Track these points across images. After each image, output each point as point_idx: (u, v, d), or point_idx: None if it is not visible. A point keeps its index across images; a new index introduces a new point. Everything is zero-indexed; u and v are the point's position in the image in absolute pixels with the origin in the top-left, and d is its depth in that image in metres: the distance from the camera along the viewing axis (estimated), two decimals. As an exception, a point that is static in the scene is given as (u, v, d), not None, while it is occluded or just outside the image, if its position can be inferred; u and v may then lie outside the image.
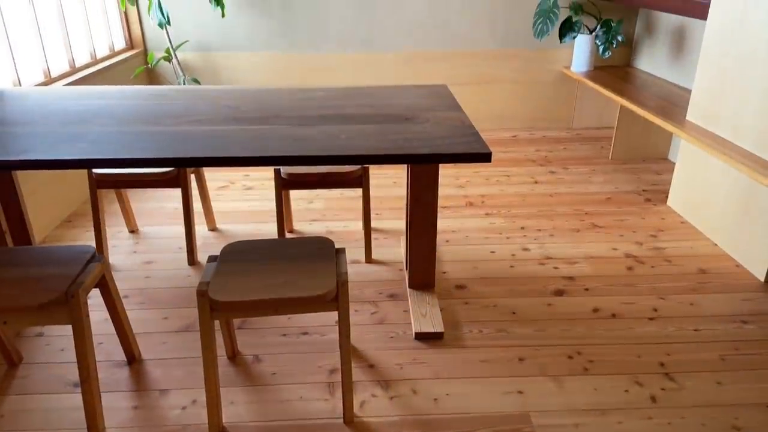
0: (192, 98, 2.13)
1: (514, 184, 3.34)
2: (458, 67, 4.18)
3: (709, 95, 2.61)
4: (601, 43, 3.73)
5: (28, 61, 2.89)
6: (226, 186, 3.35)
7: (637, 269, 2.44)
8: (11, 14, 2.74)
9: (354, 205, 3.08)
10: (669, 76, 3.67)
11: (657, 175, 3.45)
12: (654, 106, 3.05)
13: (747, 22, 2.34)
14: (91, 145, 1.61)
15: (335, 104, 2.04)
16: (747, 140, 2.37)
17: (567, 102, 4.30)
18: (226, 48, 4.07)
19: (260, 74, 4.16)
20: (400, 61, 4.15)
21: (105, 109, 1.98)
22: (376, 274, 2.41)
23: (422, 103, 2.05)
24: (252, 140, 1.65)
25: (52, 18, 3.11)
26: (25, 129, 1.77)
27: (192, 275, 2.41)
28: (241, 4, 3.95)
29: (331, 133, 1.71)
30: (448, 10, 4.01)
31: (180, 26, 3.99)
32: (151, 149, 1.58)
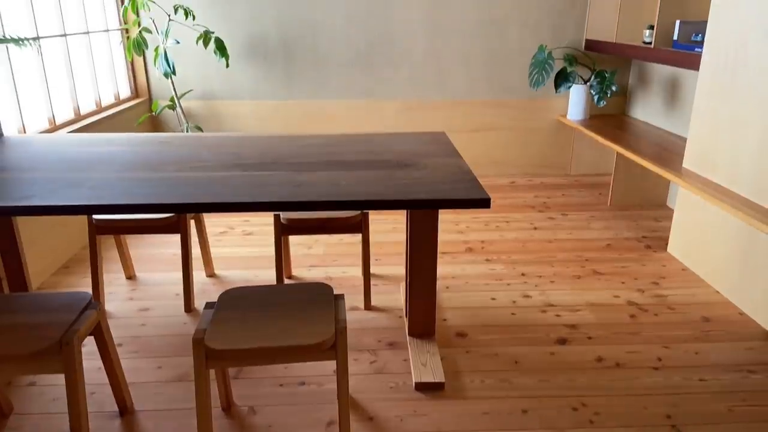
0: (194, 145, 2.16)
1: (514, 230, 3.34)
2: (456, 115, 4.26)
3: (705, 143, 2.65)
4: (595, 93, 3.81)
5: (34, 108, 2.94)
6: (226, 231, 3.35)
7: (640, 317, 2.41)
8: (19, 62, 2.81)
9: (353, 250, 3.07)
10: (664, 124, 3.74)
11: (656, 221, 3.46)
12: (650, 154, 3.09)
13: (738, 73, 2.40)
14: (92, 191, 1.62)
15: (335, 151, 2.07)
16: (744, 187, 2.38)
17: (564, 149, 4.36)
18: (229, 96, 4.16)
19: (262, 122, 4.23)
20: (399, 110, 4.24)
21: (107, 156, 2.00)
22: (376, 321, 2.38)
23: (421, 150, 2.08)
24: (252, 186, 1.66)
25: (59, 67, 3.19)
26: (28, 175, 1.78)
27: (188, 322, 2.37)
28: (244, 54, 4.06)
29: (331, 179, 1.72)
30: (445, 62, 4.12)
31: (185, 76, 4.08)
32: (152, 195, 1.59)
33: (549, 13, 4.04)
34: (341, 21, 4.01)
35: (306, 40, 4.04)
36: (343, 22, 4.01)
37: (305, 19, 3.99)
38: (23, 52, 2.82)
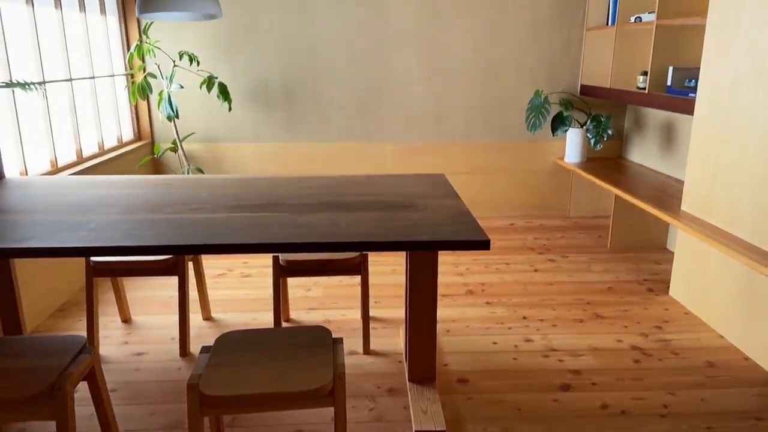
0: (194, 186, 2.17)
1: (514, 272, 3.32)
2: (455, 158, 4.30)
3: (702, 186, 2.66)
4: (592, 137, 3.86)
5: (37, 150, 2.97)
6: (224, 273, 3.33)
7: (644, 362, 2.36)
8: (24, 105, 2.86)
9: (352, 292, 3.05)
10: (661, 167, 3.78)
11: (657, 264, 3.45)
12: (649, 197, 3.11)
13: (732, 117, 2.44)
14: (91, 233, 1.62)
15: (335, 192, 2.08)
16: (743, 230, 2.38)
17: (562, 191, 4.38)
18: (231, 139, 4.21)
19: (263, 164, 4.27)
20: (399, 152, 4.28)
21: (108, 198, 2.01)
22: (375, 366, 2.33)
23: (420, 191, 2.09)
24: (252, 227, 1.65)
25: (63, 110, 3.24)
26: (27, 217, 1.78)
27: (183, 367, 2.32)
28: (246, 98, 4.14)
29: (330, 220, 1.72)
30: (444, 106, 4.20)
31: (187, 119, 4.15)
32: (151, 237, 1.58)
33: (544, 59, 4.14)
34: (342, 66, 4.10)
35: (307, 84, 4.13)
36: (344, 68, 4.11)
37: (307, 65, 4.09)
38: (29, 96, 2.87)
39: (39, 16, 2.97)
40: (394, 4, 4.00)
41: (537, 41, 4.10)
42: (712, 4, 2.55)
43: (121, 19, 3.94)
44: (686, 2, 3.04)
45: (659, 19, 3.06)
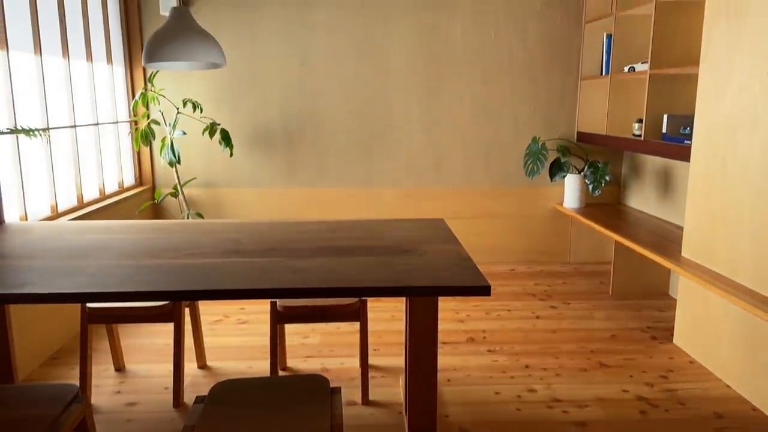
0: (193, 231, 2.16)
1: (516, 319, 3.27)
2: (454, 203, 4.32)
3: (702, 232, 2.66)
4: (590, 182, 3.89)
5: (37, 195, 2.98)
6: (221, 320, 3.28)
7: (650, 413, 2.30)
8: (27, 150, 2.89)
9: (351, 340, 2.99)
10: (659, 213, 3.79)
11: (659, 311, 3.41)
12: (649, 243, 3.10)
13: (728, 163, 2.46)
14: (88, 279, 1.60)
15: (334, 237, 2.07)
16: (744, 276, 2.37)
17: (562, 236, 4.38)
18: (231, 184, 4.24)
19: (263, 208, 4.28)
20: (398, 197, 4.31)
21: (106, 243, 2.00)
22: (374, 417, 2.27)
23: (420, 236, 2.08)
24: (250, 273, 1.64)
25: (66, 155, 3.27)
26: (25, 262, 1.77)
27: (176, 418, 2.26)
28: (248, 143, 4.19)
29: (329, 266, 1.71)
30: (442, 151, 4.25)
31: (189, 164, 4.19)
32: (149, 282, 1.56)
33: (541, 107, 4.22)
34: (341, 112, 4.18)
35: (307, 130, 4.19)
36: (343, 114, 4.18)
37: (307, 111, 4.17)
38: (32, 141, 2.90)
39: (46, 64, 3.04)
40: (393, 53, 4.11)
41: (533, 89, 4.19)
42: (704, 54, 2.62)
43: (127, 67, 4.04)
44: (678, 52, 3.13)
45: (652, 68, 3.13)
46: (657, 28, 3.10)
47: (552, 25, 4.12)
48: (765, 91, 2.24)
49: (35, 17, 2.92)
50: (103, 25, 3.71)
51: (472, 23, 4.09)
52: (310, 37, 4.08)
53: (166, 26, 2.21)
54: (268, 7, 4.03)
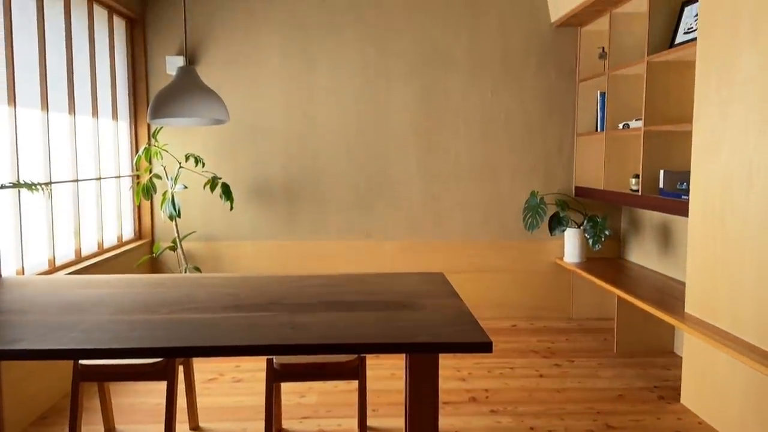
0: (190, 286, 2.14)
1: (519, 378, 3.19)
2: (454, 256, 4.30)
3: (703, 288, 2.64)
4: (590, 237, 3.89)
5: (36, 249, 2.97)
6: (215, 378, 3.19)
7: (662, 477, 2.20)
8: (28, 204, 2.90)
9: (349, 399, 2.90)
10: (660, 268, 3.76)
11: (665, 370, 3.32)
12: (652, 299, 3.07)
13: (727, 219, 2.46)
14: (82, 335, 1.57)
15: (333, 291, 2.05)
16: (748, 332, 2.32)
17: (564, 292, 4.33)
18: (230, 237, 4.24)
19: (262, 262, 4.26)
20: (398, 250, 4.29)
21: (102, 298, 1.97)
22: (373, 481, 2.16)
23: (420, 290, 2.06)
24: (247, 328, 1.61)
25: (66, 209, 3.28)
26: (20, 317, 1.74)
27: (166, 482, 2.15)
28: (248, 196, 4.22)
29: (328, 321, 1.68)
30: (442, 205, 4.28)
31: (189, 218, 4.20)
32: (143, 339, 1.53)
33: (538, 162, 4.28)
34: (342, 166, 4.23)
35: (308, 183, 4.23)
36: (344, 167, 4.23)
37: (308, 164, 4.22)
38: (34, 195, 2.92)
39: (52, 120, 3.10)
40: (393, 110, 4.21)
41: (530, 145, 4.27)
42: (696, 112, 2.68)
43: (131, 123, 4.13)
44: (671, 109, 3.19)
45: (646, 125, 3.20)
46: (649, 86, 3.19)
47: (547, 83, 4.24)
48: (759, 148, 2.27)
49: (44, 75, 3.01)
50: (111, 83, 3.81)
51: (470, 81, 4.21)
52: (312, 93, 4.19)
53: (172, 84, 2.27)
54: (272, 66, 4.16)
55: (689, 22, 3.00)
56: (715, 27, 2.54)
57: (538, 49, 4.20)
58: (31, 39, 2.92)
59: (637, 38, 3.61)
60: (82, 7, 3.44)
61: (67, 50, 3.25)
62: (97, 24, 3.63)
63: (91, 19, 3.54)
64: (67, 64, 3.25)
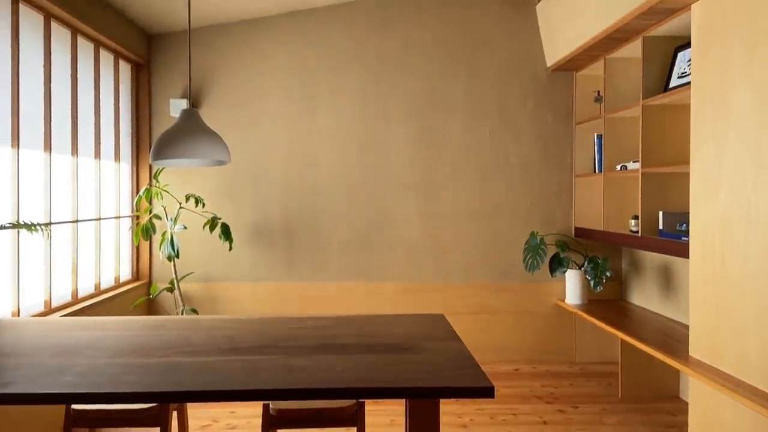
0: (187, 328, 2.11)
1: (522, 425, 3.10)
2: (455, 297, 4.26)
3: (707, 331, 2.60)
4: (591, 278, 3.86)
5: (32, 290, 2.94)
6: (209, 425, 3.11)
7: None
8: (27, 244, 2.89)
9: (348, 446, 2.82)
10: (663, 310, 3.72)
11: (671, 416, 3.24)
12: (655, 342, 3.02)
13: (727, 260, 2.45)
14: (75, 378, 1.53)
15: (332, 333, 2.01)
16: (753, 376, 2.27)
17: (566, 334, 4.27)
18: (228, 278, 4.21)
19: (260, 303, 4.21)
20: (398, 291, 4.25)
21: (97, 341, 1.94)
22: None
23: (420, 333, 2.03)
24: (243, 372, 1.57)
25: (65, 250, 3.27)
26: (13, 360, 1.70)
27: None
28: (247, 237, 4.21)
29: (326, 364, 1.64)
30: (442, 245, 4.27)
31: (187, 258, 4.18)
32: (136, 383, 1.50)
33: (537, 202, 4.29)
34: (342, 206, 4.24)
35: (307, 223, 4.23)
36: (344, 208, 4.24)
37: (308, 205, 4.23)
38: (33, 236, 2.91)
39: (55, 161, 3.13)
40: (393, 151, 4.25)
41: (529, 185, 4.29)
42: (693, 154, 2.70)
43: (133, 164, 4.16)
44: (668, 151, 3.23)
45: (643, 167, 3.22)
46: (645, 129, 3.23)
47: (544, 125, 4.30)
48: (757, 189, 2.28)
49: (48, 117, 3.05)
50: (114, 125, 3.86)
51: (468, 123, 4.28)
52: (313, 134, 4.25)
53: (175, 126, 2.30)
54: (274, 107, 4.23)
55: (683, 67, 3.07)
56: (707, 71, 2.60)
57: (534, 92, 4.28)
58: (38, 81, 2.98)
59: (631, 82, 3.69)
60: (88, 52, 3.53)
61: (72, 93, 3.31)
62: (103, 68, 3.71)
63: (97, 63, 3.62)
64: (71, 106, 3.30)
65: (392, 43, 4.25)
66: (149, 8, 3.72)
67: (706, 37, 2.61)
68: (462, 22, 4.25)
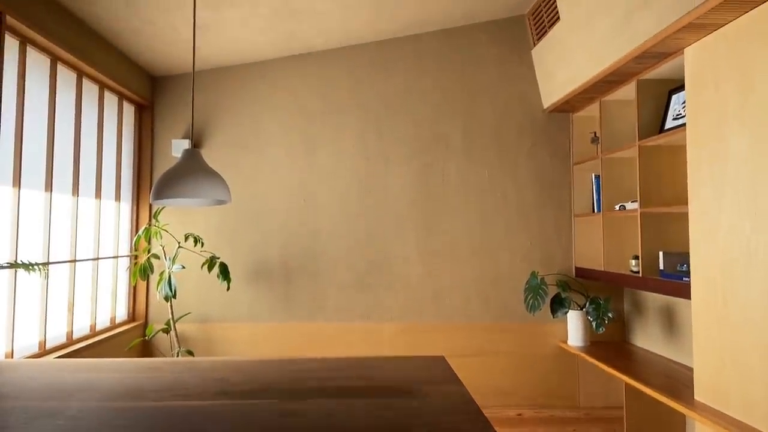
0: (181, 371, 2.07)
1: (524, 471, 3.01)
2: (455, 338, 4.20)
3: (712, 374, 2.55)
4: (593, 320, 3.82)
5: (27, 331, 2.90)
6: (204, 470, 3.01)
7: None
8: (23, 285, 2.86)
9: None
10: (666, 352, 3.66)
11: (680, 460, 3.15)
12: (660, 385, 2.96)
13: (729, 301, 2.43)
14: (68, 422, 1.49)
15: (329, 376, 1.97)
16: (760, 420, 2.22)
17: (570, 377, 4.19)
18: (226, 319, 4.16)
19: (257, 344, 4.15)
20: (397, 332, 4.20)
21: (91, 383, 1.90)
22: None
23: (420, 376, 1.98)
24: (235, 417, 1.53)
25: (62, 291, 3.24)
26: (4, 404, 1.66)
27: None
28: (246, 277, 4.18)
29: (322, 409, 1.60)
30: (442, 286, 4.23)
31: (184, 298, 4.14)
32: (128, 428, 1.46)
33: (537, 242, 4.28)
34: (342, 247, 4.23)
35: (307, 263, 4.21)
36: (343, 247, 4.23)
37: (307, 244, 4.22)
38: (30, 276, 2.90)
39: (55, 201, 3.14)
40: (392, 191, 4.28)
41: (528, 225, 4.29)
42: (691, 195, 2.71)
43: (133, 204, 4.17)
44: (666, 191, 3.24)
45: (642, 207, 3.23)
46: (642, 169, 3.25)
47: (542, 166, 4.33)
48: (756, 231, 2.28)
49: (51, 157, 3.08)
50: (116, 165, 3.90)
51: (467, 164, 4.31)
52: (313, 175, 4.28)
53: (176, 165, 2.32)
54: (274, 148, 4.28)
55: (677, 109, 3.12)
56: (702, 114, 2.63)
57: (532, 133, 4.34)
58: (42, 121, 3.02)
59: (627, 123, 3.74)
60: (93, 93, 3.59)
61: (75, 133, 3.35)
62: (107, 109, 3.77)
63: (101, 104, 3.68)
64: (74, 147, 3.34)
65: (392, 86, 4.34)
66: (154, 53, 3.82)
67: (699, 81, 2.66)
68: (460, 66, 4.35)
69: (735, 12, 2.35)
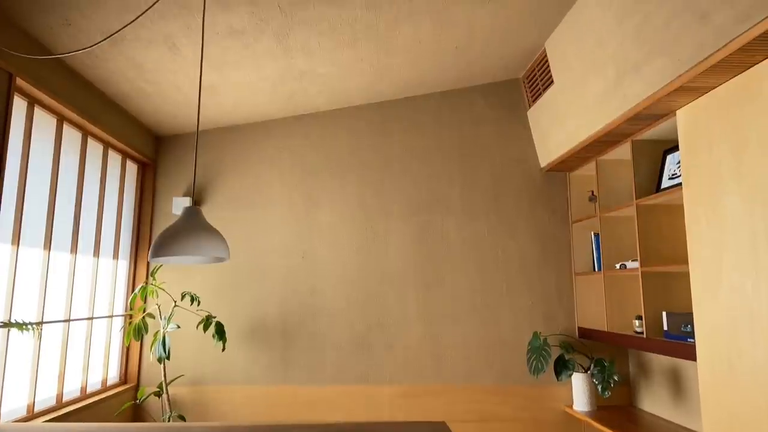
0: (173, 437, 1.98)
1: None
2: (456, 401, 4.06)
3: (726, 439, 2.45)
4: (598, 383, 3.71)
5: (16, 392, 2.81)
6: None
7: None
8: (15, 344, 2.80)
9: None
10: (675, 417, 3.53)
11: None
12: (670, 451, 2.83)
13: (735, 364, 2.36)
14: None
15: (326, 446, 1.89)
16: (786, 493, 2.11)
17: (575, 444, 4.02)
18: (220, 381, 4.04)
19: (252, 408, 4.01)
20: (397, 395, 4.07)
21: (75, 449, 1.82)
22: None
23: (420, 446, 1.90)
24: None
25: (54, 351, 3.16)
26: (-22, 472, 1.58)
27: None
28: (242, 337, 4.09)
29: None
30: (443, 347, 4.14)
31: (178, 359, 4.04)
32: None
33: (538, 301, 4.22)
34: (340, 306, 4.17)
35: (305, 323, 4.13)
36: (342, 307, 4.17)
37: (305, 304, 4.16)
38: (23, 335, 2.84)
39: (53, 259, 3.12)
40: (391, 249, 4.26)
41: (528, 284, 4.25)
42: (690, 254, 2.70)
43: (131, 262, 4.15)
44: (666, 249, 3.23)
45: (643, 266, 3.20)
46: (641, 228, 3.25)
47: (541, 224, 4.34)
48: (757, 291, 2.25)
49: (51, 216, 3.09)
50: (116, 224, 3.90)
51: (466, 223, 4.32)
52: (313, 234, 4.27)
53: (175, 224, 2.32)
54: (275, 206, 4.30)
55: (672, 169, 3.16)
56: (697, 174, 2.66)
57: (530, 192, 4.37)
58: (45, 180, 3.05)
59: (624, 182, 3.78)
60: (97, 152, 3.65)
61: (77, 191, 3.38)
62: (110, 167, 3.82)
63: (105, 163, 3.73)
64: (75, 205, 3.35)
65: (391, 147, 4.41)
66: (158, 113, 3.91)
67: (693, 142, 2.71)
68: (458, 126, 4.44)
69: (724, 76, 2.42)
